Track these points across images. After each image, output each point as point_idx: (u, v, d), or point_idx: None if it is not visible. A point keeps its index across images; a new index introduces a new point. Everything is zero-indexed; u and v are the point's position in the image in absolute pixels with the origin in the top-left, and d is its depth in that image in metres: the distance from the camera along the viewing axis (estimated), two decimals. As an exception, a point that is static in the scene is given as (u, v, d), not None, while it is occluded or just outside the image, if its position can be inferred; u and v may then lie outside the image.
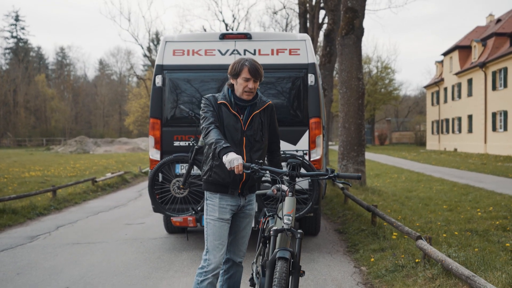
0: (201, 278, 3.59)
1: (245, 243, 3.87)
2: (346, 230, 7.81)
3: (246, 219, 3.81)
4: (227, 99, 3.65)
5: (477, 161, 25.10)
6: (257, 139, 3.67)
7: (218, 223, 3.61)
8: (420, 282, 4.59)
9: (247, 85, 3.57)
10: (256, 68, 3.56)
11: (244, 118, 3.66)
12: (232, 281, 3.89)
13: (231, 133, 3.59)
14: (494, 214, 8.69)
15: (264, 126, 3.72)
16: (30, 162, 27.08)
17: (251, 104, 3.68)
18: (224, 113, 3.62)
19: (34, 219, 9.56)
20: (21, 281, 5.39)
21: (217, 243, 3.60)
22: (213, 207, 3.65)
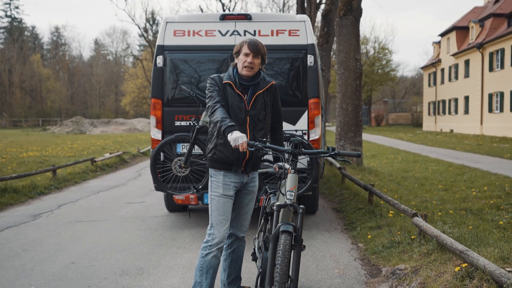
0: (205, 251, 3.72)
1: (247, 219, 3.99)
2: (343, 209, 7.97)
3: (249, 196, 3.93)
4: (232, 79, 3.73)
5: (473, 142, 25.29)
6: (260, 118, 3.76)
7: (222, 199, 3.73)
8: (416, 257, 4.75)
9: (246, 60, 3.66)
10: (256, 43, 3.66)
11: (248, 98, 3.74)
12: (235, 255, 4.02)
13: (235, 112, 3.68)
14: (488, 194, 8.85)
15: (267, 106, 3.81)
16: (27, 142, 27.12)
17: (255, 84, 3.77)
18: (228, 93, 3.71)
19: (36, 198, 9.68)
20: (27, 257, 5.52)
21: (221, 219, 3.71)
22: (217, 184, 3.76)
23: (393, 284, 4.39)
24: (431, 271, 4.18)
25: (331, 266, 5.13)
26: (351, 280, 4.69)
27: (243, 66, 3.68)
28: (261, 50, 3.68)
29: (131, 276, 4.85)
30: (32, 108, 71.89)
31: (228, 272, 4.00)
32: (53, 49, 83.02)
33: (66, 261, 5.36)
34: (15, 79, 68.66)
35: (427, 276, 4.11)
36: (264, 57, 3.74)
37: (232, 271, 4.00)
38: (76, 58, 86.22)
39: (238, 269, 4.04)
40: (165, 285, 4.59)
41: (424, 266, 4.39)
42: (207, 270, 3.71)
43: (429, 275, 4.12)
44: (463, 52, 38.35)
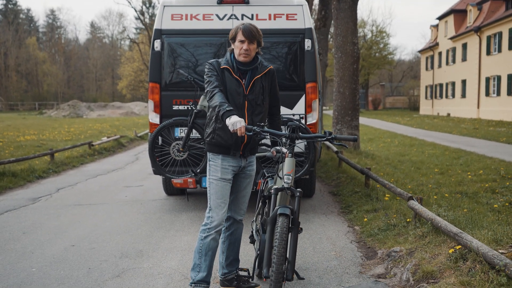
0: (204, 234, 3.77)
1: (245, 202, 4.05)
2: (340, 192, 8.04)
3: (246, 179, 3.97)
4: (230, 64, 3.76)
5: (470, 126, 25.38)
6: (258, 102, 3.80)
7: (220, 182, 3.77)
8: (411, 240, 4.82)
9: (242, 47, 3.68)
10: (250, 29, 3.66)
11: (246, 83, 3.77)
12: (234, 238, 4.08)
13: (234, 97, 3.72)
14: (484, 177, 8.94)
15: (265, 90, 3.85)
16: (24, 126, 27.09)
17: (252, 69, 3.80)
18: (226, 78, 3.74)
19: (34, 182, 9.73)
20: (27, 240, 5.59)
21: (219, 202, 3.77)
22: (215, 168, 3.80)
23: (388, 266, 4.47)
24: (426, 253, 4.26)
25: (327, 248, 5.21)
26: (347, 262, 4.78)
27: (240, 53, 3.71)
28: (256, 35, 3.69)
29: (130, 258, 4.92)
30: (29, 91, 71.57)
31: (227, 254, 4.07)
32: (49, 32, 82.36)
33: (66, 244, 5.43)
34: (11, 63, 68.21)
35: (421, 258, 4.19)
36: (260, 41, 3.74)
37: (230, 253, 4.07)
38: (72, 41, 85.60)
39: (236, 251, 4.10)
40: (164, 267, 4.66)
41: (419, 248, 4.47)
42: (206, 252, 3.77)
43: (424, 257, 4.20)
44: (460, 36, 38.24)
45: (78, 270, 4.58)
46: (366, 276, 4.38)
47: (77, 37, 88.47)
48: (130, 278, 4.38)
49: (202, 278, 3.77)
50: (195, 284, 3.77)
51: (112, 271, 4.55)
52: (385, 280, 4.22)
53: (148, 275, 4.46)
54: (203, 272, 3.77)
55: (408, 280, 4.00)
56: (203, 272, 3.77)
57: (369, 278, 4.32)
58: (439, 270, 3.86)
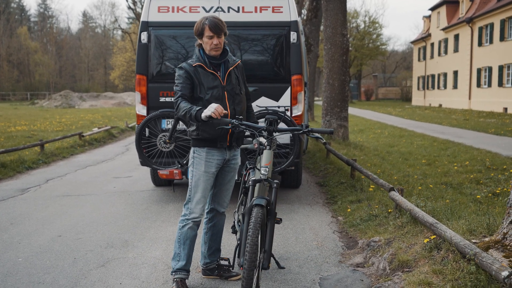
0: (182, 224, 3.88)
1: (228, 195, 4.12)
2: (326, 183, 8.15)
3: (230, 173, 4.04)
4: (201, 60, 3.80)
5: (460, 117, 25.55)
6: (237, 92, 3.89)
7: (203, 176, 3.84)
8: (390, 230, 4.93)
9: (212, 42, 3.71)
10: (216, 24, 3.69)
11: (221, 74, 3.85)
12: (216, 229, 4.16)
13: (212, 90, 3.78)
14: (469, 168, 9.07)
15: (240, 81, 3.96)
16: (16, 116, 27.00)
17: (224, 61, 3.88)
18: (201, 74, 3.78)
19: (24, 172, 9.77)
20: (15, 230, 5.65)
21: (200, 195, 3.84)
22: (199, 161, 3.85)
23: (367, 255, 4.58)
24: (403, 243, 4.37)
25: (310, 238, 5.31)
26: (328, 251, 4.88)
27: (211, 49, 3.75)
28: (223, 28, 3.72)
29: (116, 248, 5.00)
30: (20, 81, 71.11)
31: (209, 245, 4.15)
32: (40, 22, 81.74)
33: (53, 234, 5.50)
34: (2, 52, 67.71)
35: (398, 247, 4.30)
36: (226, 32, 3.77)
37: (213, 244, 4.16)
38: (64, 30, 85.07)
39: (218, 242, 4.19)
40: (149, 257, 4.75)
41: (397, 238, 4.58)
42: (184, 241, 3.87)
43: (401, 246, 4.31)
44: (453, 27, 38.36)
45: (63, 260, 4.66)
46: (345, 265, 4.48)
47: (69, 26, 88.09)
48: (115, 267, 4.46)
49: (182, 267, 3.88)
50: (175, 272, 3.88)
51: (97, 261, 4.63)
52: (363, 269, 4.33)
53: (132, 264, 4.54)
54: (182, 261, 3.88)
55: (384, 269, 4.11)
56: (183, 261, 3.88)
57: (347, 267, 4.43)
58: (414, 259, 3.97)
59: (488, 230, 4.11)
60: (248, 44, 6.70)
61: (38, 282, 4.12)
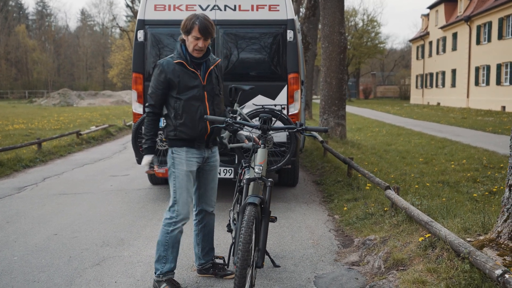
0: (171, 228, 3.77)
1: (214, 194, 4.07)
2: (323, 182, 8.15)
3: (212, 171, 3.98)
4: (183, 57, 3.69)
5: (458, 116, 25.57)
6: (216, 92, 3.82)
7: (187, 176, 3.77)
8: (386, 228, 4.94)
9: (197, 44, 3.61)
10: (206, 27, 3.57)
11: (202, 74, 3.75)
12: (207, 229, 4.12)
13: (192, 90, 3.69)
14: (466, 167, 9.07)
15: (219, 81, 3.89)
16: (13, 114, 26.95)
17: (206, 60, 3.77)
18: (181, 72, 3.68)
19: (21, 171, 9.75)
20: (11, 229, 5.65)
21: (186, 195, 3.76)
22: (180, 161, 3.76)
23: (362, 254, 4.59)
24: (398, 241, 4.37)
25: (306, 237, 5.31)
26: (324, 250, 4.88)
27: (194, 49, 3.65)
28: (212, 32, 3.62)
29: (111, 247, 4.99)
30: (18, 79, 70.97)
31: (202, 246, 4.12)
32: (39, 20, 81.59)
33: (49, 233, 5.50)
34: (0, 50, 67.54)
35: (393, 246, 4.30)
36: (213, 35, 3.68)
37: (206, 244, 4.13)
38: (62, 29, 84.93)
39: (211, 242, 4.17)
40: (144, 255, 4.74)
41: (393, 236, 4.58)
42: (172, 245, 3.79)
43: (396, 245, 4.31)
44: (451, 25, 38.37)
45: (59, 259, 4.65)
46: (341, 263, 4.49)
47: (67, 24, 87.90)
48: (110, 266, 4.46)
49: (170, 269, 3.84)
50: (163, 275, 3.81)
51: (92, 260, 4.63)
52: (358, 268, 4.34)
53: (127, 263, 4.54)
54: (170, 264, 3.82)
55: (379, 268, 4.11)
56: (171, 264, 3.82)
57: (343, 265, 4.43)
58: (409, 257, 3.97)
59: (483, 228, 4.12)
60: (244, 43, 6.69)
61: (33, 281, 4.11)
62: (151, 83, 3.75)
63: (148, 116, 3.74)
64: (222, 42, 6.66)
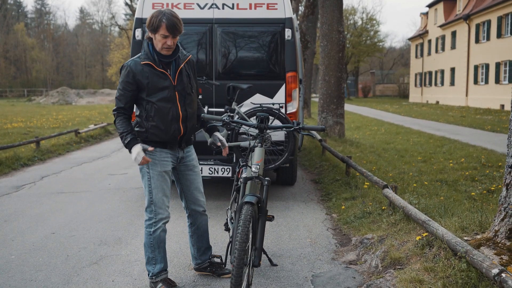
0: (152, 229, 3.73)
1: (201, 193, 4.00)
2: (321, 180, 8.15)
3: (190, 171, 3.91)
4: (150, 57, 3.55)
5: (457, 114, 25.58)
6: (188, 92, 3.68)
7: (161, 176, 3.70)
8: (384, 227, 4.94)
9: (165, 42, 3.46)
10: (174, 24, 3.42)
11: (172, 74, 3.62)
12: (201, 230, 4.09)
13: (162, 91, 3.57)
14: (465, 165, 9.07)
15: (191, 79, 3.73)
16: (12, 113, 26.93)
17: (175, 58, 3.64)
18: (150, 73, 3.54)
19: (19, 169, 9.75)
20: (8, 228, 5.64)
21: (161, 195, 3.71)
22: (154, 161, 3.66)
23: (360, 253, 4.59)
24: (395, 240, 4.37)
25: (303, 235, 5.31)
26: (322, 248, 4.88)
27: (162, 48, 3.50)
28: (180, 29, 3.47)
29: (109, 246, 4.99)
30: (17, 78, 70.91)
31: (197, 247, 4.10)
32: (37, 18, 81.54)
33: (46, 232, 5.49)
34: (-1, 49, 67.56)
35: (391, 245, 4.30)
36: (181, 31, 3.51)
37: (201, 245, 4.11)
38: (61, 27, 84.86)
39: (207, 241, 4.15)
40: (142, 254, 4.73)
41: (390, 235, 4.58)
42: (158, 245, 3.77)
43: (393, 244, 4.31)
44: (450, 24, 38.36)
45: (56, 257, 4.65)
46: (338, 262, 4.48)
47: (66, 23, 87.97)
48: (107, 265, 4.46)
49: (161, 269, 3.83)
50: (156, 275, 3.81)
51: (90, 258, 4.62)
52: (355, 267, 4.34)
53: (125, 262, 4.53)
54: (160, 264, 3.81)
55: (377, 267, 4.11)
56: (160, 263, 3.82)
57: (340, 264, 4.43)
58: (406, 256, 3.97)
59: (481, 227, 4.12)
60: (242, 41, 6.69)
61: (31, 280, 4.11)
62: (118, 86, 3.59)
63: (119, 116, 3.58)
64: (220, 41, 6.65)
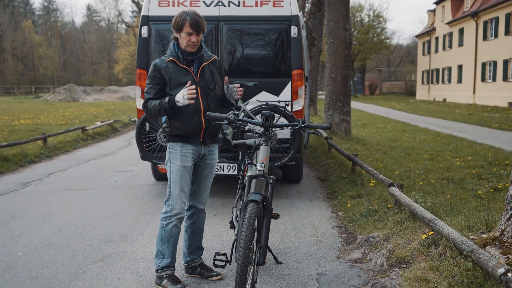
0: (165, 222, 3.84)
1: (207, 192, 4.08)
2: (327, 178, 8.13)
3: (207, 169, 4.00)
4: (175, 55, 3.77)
5: (464, 112, 25.45)
6: (210, 87, 3.84)
7: (180, 171, 3.81)
8: (390, 225, 4.92)
9: (190, 39, 3.67)
10: (197, 22, 3.65)
11: (194, 70, 3.80)
12: (196, 226, 4.13)
13: (184, 86, 3.71)
14: (472, 163, 9.02)
15: (215, 76, 3.89)
16: (20, 110, 27.07)
17: (199, 57, 3.82)
18: (173, 69, 3.75)
19: (26, 166, 9.80)
20: (15, 224, 5.68)
21: (179, 190, 3.81)
22: (175, 156, 3.83)
23: (365, 251, 4.58)
24: (401, 239, 4.36)
25: (309, 233, 5.31)
26: (327, 247, 4.88)
27: (187, 45, 3.71)
28: (203, 26, 3.69)
29: (115, 243, 5.01)
30: (25, 75, 71.31)
31: (189, 243, 4.12)
32: (45, 15, 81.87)
33: (53, 229, 5.52)
34: (7, 46, 67.85)
35: (396, 243, 4.29)
36: (204, 29, 3.74)
37: (193, 242, 4.12)
38: (68, 24, 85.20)
39: (199, 240, 4.16)
40: (147, 251, 4.75)
41: (396, 234, 4.57)
42: (168, 239, 3.84)
43: (399, 242, 4.29)
44: (457, 21, 38.14)
45: (62, 254, 4.67)
46: (343, 260, 4.48)
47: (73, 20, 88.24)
48: (113, 262, 4.47)
49: (167, 264, 3.86)
50: (161, 270, 3.86)
51: (95, 255, 4.64)
52: (360, 265, 4.33)
53: (131, 259, 4.55)
54: (167, 259, 3.86)
55: (382, 265, 4.10)
56: (167, 259, 3.86)
57: (345, 262, 4.42)
58: (411, 255, 3.96)
59: (487, 226, 4.10)
60: (248, 39, 6.68)
61: (37, 277, 4.13)
62: (147, 81, 3.80)
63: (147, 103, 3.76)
64: (226, 38, 6.65)
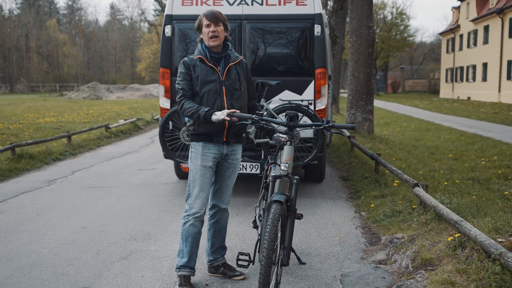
0: (184, 220, 3.89)
1: (229, 191, 4.09)
2: (350, 178, 8.07)
3: (229, 168, 4.00)
4: (203, 53, 3.84)
5: (489, 110, 25.01)
6: (236, 87, 3.86)
7: (200, 170, 3.82)
8: (414, 227, 4.85)
9: (209, 30, 3.73)
10: (212, 12, 3.74)
11: (221, 69, 3.85)
12: (219, 225, 4.13)
13: (210, 85, 3.79)
14: (497, 163, 8.85)
15: (241, 77, 3.92)
16: (44, 108, 27.50)
17: (225, 56, 3.88)
18: (201, 68, 3.81)
19: (51, 164, 9.94)
20: (41, 221, 5.76)
21: (198, 189, 3.83)
22: (196, 155, 3.86)
23: (389, 252, 4.52)
24: (426, 240, 4.29)
25: (332, 234, 5.27)
26: (350, 247, 4.83)
27: (209, 38, 3.76)
28: (219, 17, 3.75)
29: (138, 241, 5.05)
30: (49, 73, 72.50)
31: (212, 242, 4.12)
32: (69, 14, 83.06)
33: (77, 226, 5.59)
34: (32, 44, 69.05)
35: (422, 245, 4.23)
36: (226, 24, 3.81)
37: (216, 241, 4.12)
38: (92, 23, 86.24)
39: (222, 239, 4.16)
40: (171, 250, 4.78)
41: (421, 235, 4.50)
42: (186, 238, 3.87)
43: (424, 244, 4.23)
44: (482, 18, 37.47)
45: (87, 252, 4.72)
46: (367, 262, 4.43)
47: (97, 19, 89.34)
48: (137, 260, 4.50)
49: (185, 263, 3.88)
50: (179, 269, 3.89)
51: (119, 253, 4.69)
52: (385, 266, 4.28)
53: (154, 257, 4.58)
54: (185, 258, 3.88)
55: (407, 267, 4.05)
56: (185, 258, 3.88)
57: (369, 264, 4.38)
58: (437, 257, 3.90)
59: (515, 229, 4.01)
60: (271, 37, 6.66)
61: (62, 274, 4.18)
62: (178, 78, 3.85)
63: (184, 99, 3.80)
64: (249, 37, 6.64)
